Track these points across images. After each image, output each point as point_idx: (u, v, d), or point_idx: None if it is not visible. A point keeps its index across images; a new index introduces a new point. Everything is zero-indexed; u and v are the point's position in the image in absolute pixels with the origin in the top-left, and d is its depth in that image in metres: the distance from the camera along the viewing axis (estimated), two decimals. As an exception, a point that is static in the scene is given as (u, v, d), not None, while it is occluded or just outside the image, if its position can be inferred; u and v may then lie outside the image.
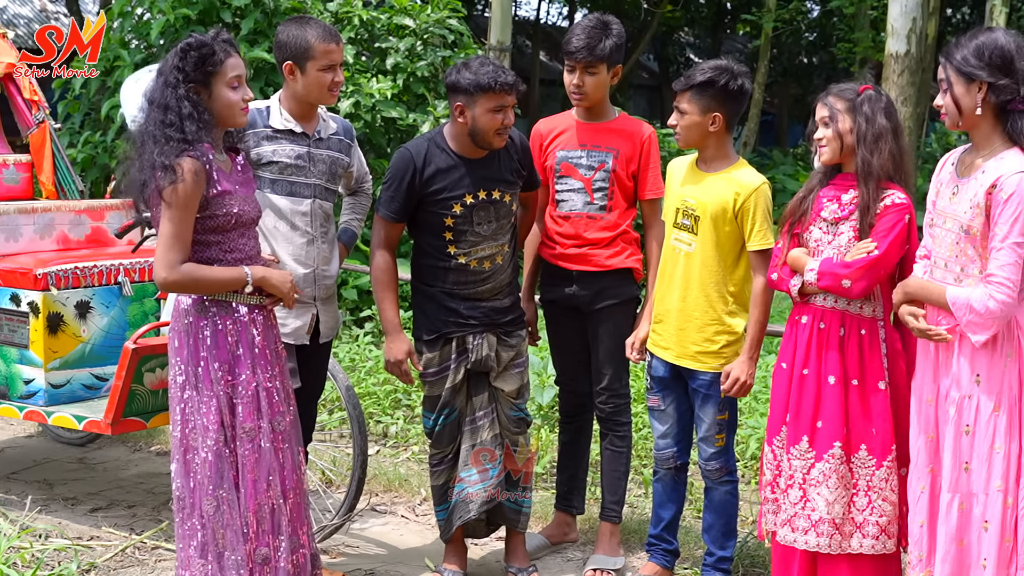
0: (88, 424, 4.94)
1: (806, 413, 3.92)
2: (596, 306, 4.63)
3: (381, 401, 7.05)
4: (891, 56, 11.82)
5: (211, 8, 9.63)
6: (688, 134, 4.23)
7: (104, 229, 5.77)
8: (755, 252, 4.21)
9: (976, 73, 3.46)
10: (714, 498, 4.45)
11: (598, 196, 4.59)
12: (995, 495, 3.49)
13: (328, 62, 4.22)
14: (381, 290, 4.39)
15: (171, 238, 3.55)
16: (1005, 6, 13.51)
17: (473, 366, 4.39)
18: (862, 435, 3.87)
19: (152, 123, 3.58)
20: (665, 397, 4.45)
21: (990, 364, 3.50)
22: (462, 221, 4.29)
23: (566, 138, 4.67)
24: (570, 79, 4.58)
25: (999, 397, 3.50)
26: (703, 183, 4.27)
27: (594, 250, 4.60)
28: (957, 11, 30.75)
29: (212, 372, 3.65)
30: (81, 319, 5.19)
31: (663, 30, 29.31)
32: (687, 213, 4.27)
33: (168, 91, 3.59)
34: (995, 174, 3.44)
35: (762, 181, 4.23)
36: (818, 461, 3.89)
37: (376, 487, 5.74)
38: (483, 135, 4.24)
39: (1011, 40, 3.50)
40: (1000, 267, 3.40)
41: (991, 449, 3.50)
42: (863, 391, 3.87)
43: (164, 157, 3.51)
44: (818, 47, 29.68)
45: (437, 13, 10.56)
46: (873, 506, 3.87)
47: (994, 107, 3.49)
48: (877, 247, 3.77)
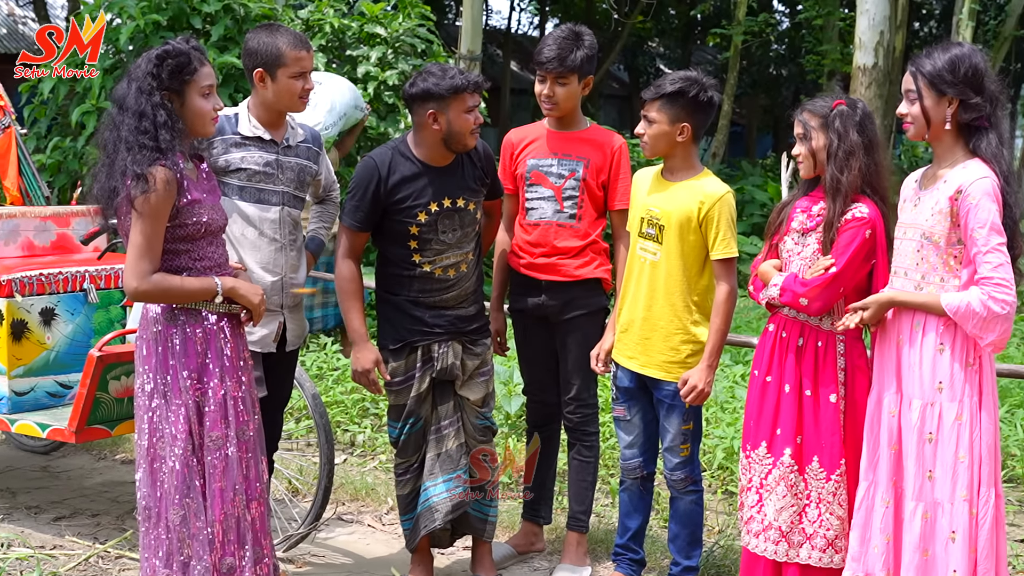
0: (52, 432, 4.90)
1: (767, 419, 3.96)
2: (565, 316, 4.64)
3: (348, 410, 7.03)
4: (859, 68, 11.93)
5: (181, 14, 9.60)
6: (656, 143, 4.25)
7: (70, 235, 5.73)
8: (718, 261, 4.23)
9: (948, 89, 3.50)
10: (679, 508, 4.46)
11: (568, 204, 4.60)
12: (960, 504, 3.52)
13: (299, 69, 4.21)
14: (347, 299, 4.38)
15: (142, 247, 3.53)
16: (971, 20, 13.63)
17: (438, 374, 4.39)
18: (815, 446, 3.90)
19: (126, 129, 3.55)
20: (631, 407, 4.46)
21: (952, 371, 3.53)
22: (427, 229, 4.29)
23: (537, 146, 4.68)
24: (541, 89, 4.59)
25: (961, 405, 3.53)
26: (668, 192, 4.29)
27: (563, 260, 4.61)
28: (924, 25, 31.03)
29: (181, 381, 3.64)
30: (46, 326, 5.16)
31: (633, 40, 29.41)
32: (652, 222, 4.29)
33: (143, 98, 3.56)
34: (958, 181, 3.48)
35: (726, 191, 4.25)
36: (774, 468, 3.93)
37: (343, 496, 5.73)
38: (459, 137, 4.25)
39: (982, 59, 3.55)
40: (994, 269, 3.42)
41: (955, 458, 3.53)
42: (815, 402, 3.90)
43: (137, 166, 3.49)
44: (787, 59, 29.86)
45: (408, 22, 10.56)
46: (822, 519, 3.89)
47: (959, 122, 3.53)
48: (835, 264, 3.79)
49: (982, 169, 3.48)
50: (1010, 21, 18.42)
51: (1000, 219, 3.44)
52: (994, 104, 3.52)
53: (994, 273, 3.42)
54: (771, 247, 4.08)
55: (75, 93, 9.79)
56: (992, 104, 3.51)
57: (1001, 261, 3.42)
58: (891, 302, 3.67)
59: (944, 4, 29.54)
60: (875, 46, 11.81)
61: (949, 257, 3.54)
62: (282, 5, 10.55)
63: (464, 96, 4.21)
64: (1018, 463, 5.93)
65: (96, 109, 9.34)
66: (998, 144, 3.50)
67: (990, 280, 3.42)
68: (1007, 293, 3.41)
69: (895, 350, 3.67)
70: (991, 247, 3.42)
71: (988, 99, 3.50)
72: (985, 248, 3.43)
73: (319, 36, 10.19)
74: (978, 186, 3.45)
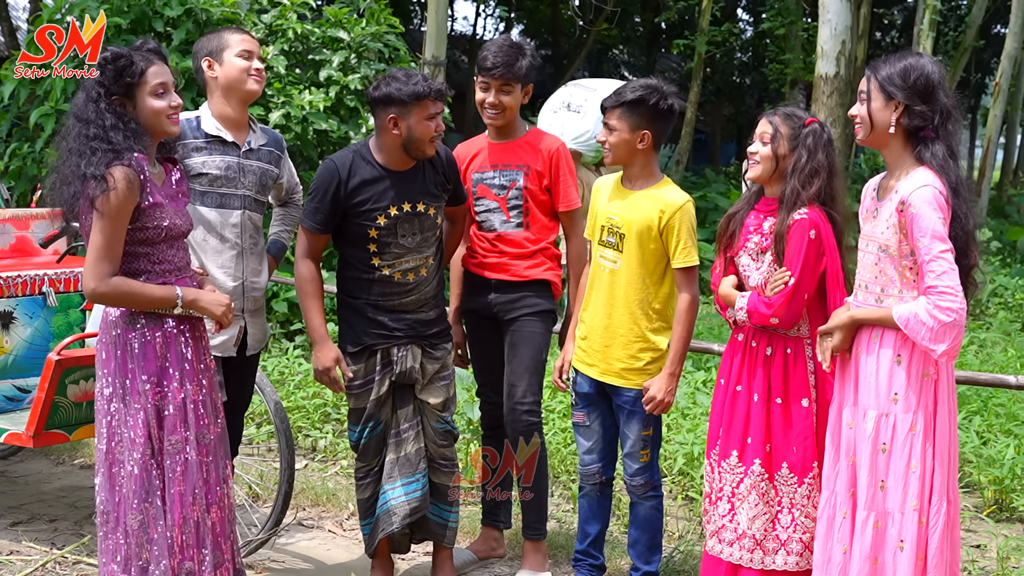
0: (9, 436, 4.86)
1: (737, 429, 3.99)
2: (512, 315, 4.65)
3: (310, 415, 7.01)
4: (821, 77, 12.04)
5: (143, 17, 9.56)
6: (617, 151, 4.27)
7: (29, 238, 5.69)
8: (679, 269, 4.26)
9: (896, 93, 3.53)
10: (639, 513, 4.48)
11: (514, 214, 4.64)
12: (910, 514, 3.55)
13: (243, 48, 4.26)
14: (307, 299, 4.38)
15: (101, 249, 3.52)
16: (932, 31, 13.78)
17: (398, 378, 4.39)
18: (784, 453, 3.93)
19: (73, 138, 3.56)
20: (590, 413, 4.47)
21: (908, 383, 3.56)
22: (386, 233, 4.30)
23: (480, 160, 4.73)
24: (484, 97, 4.62)
25: (915, 416, 3.55)
26: (628, 201, 4.31)
27: (513, 260, 4.65)
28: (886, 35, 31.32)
29: (140, 384, 3.62)
30: (3, 329, 5.12)
31: (598, 48, 29.48)
32: (612, 231, 4.31)
33: (90, 105, 3.58)
34: (903, 192, 3.51)
35: (686, 199, 4.28)
36: (745, 476, 3.96)
37: (304, 501, 5.71)
38: (418, 144, 4.25)
39: (938, 71, 3.57)
40: (937, 277, 3.42)
41: (907, 468, 3.55)
42: (786, 408, 3.93)
43: (93, 167, 3.48)
44: (751, 67, 30.03)
45: (373, 27, 10.56)
46: (796, 523, 3.93)
47: (906, 130, 3.56)
48: (792, 275, 3.83)
49: (925, 177, 3.49)
50: (970, 32, 18.63)
51: (945, 228, 3.44)
52: (945, 116, 3.53)
53: (938, 282, 3.41)
54: (726, 260, 4.11)
55: (35, 96, 9.73)
56: (942, 116, 3.52)
57: (944, 269, 3.41)
58: (853, 321, 3.69)
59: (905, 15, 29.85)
60: (837, 55, 11.93)
61: (904, 269, 3.55)
62: (245, 10, 10.53)
63: (426, 103, 4.21)
64: (974, 470, 6.00)
65: (55, 111, 9.28)
66: (945, 155, 3.51)
67: (934, 289, 3.42)
68: (952, 300, 3.40)
69: (854, 362, 3.70)
70: (933, 255, 3.42)
71: (936, 110, 3.52)
72: (928, 257, 3.43)
73: (282, 41, 10.17)
74: (919, 195, 3.46)
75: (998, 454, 6.09)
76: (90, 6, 9.44)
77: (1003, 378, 5.01)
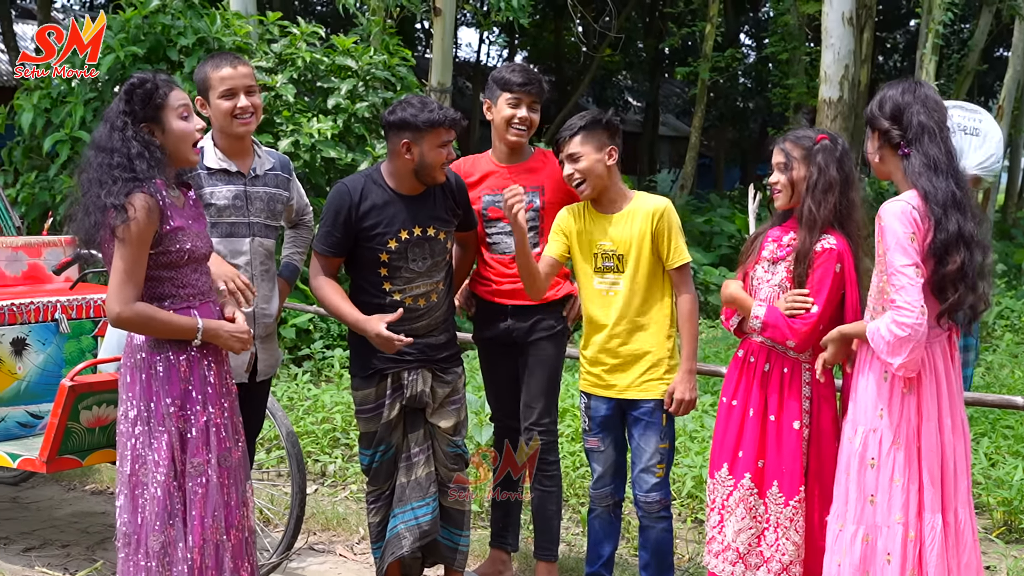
0: (23, 462, 4.89)
1: (730, 441, 4.04)
2: (530, 339, 4.69)
3: (320, 440, 7.04)
4: (824, 102, 12.09)
5: (158, 46, 9.67)
6: (591, 175, 4.33)
7: (41, 265, 5.74)
8: (675, 270, 4.31)
9: (876, 123, 3.66)
10: (650, 536, 4.48)
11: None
12: (896, 527, 3.59)
13: (225, 87, 4.26)
14: (330, 298, 4.34)
15: (124, 274, 3.54)
16: (935, 54, 13.84)
17: (408, 402, 4.41)
18: (775, 471, 3.96)
19: (96, 168, 3.57)
20: (604, 438, 4.48)
21: (890, 398, 3.62)
22: (397, 257, 4.33)
23: (490, 183, 4.75)
24: (514, 112, 4.66)
25: (897, 430, 3.61)
26: (616, 223, 4.36)
27: None
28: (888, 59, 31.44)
29: (164, 408, 3.65)
30: (17, 356, 5.15)
31: (602, 74, 29.65)
32: (608, 256, 4.35)
33: (115, 134, 3.59)
34: (881, 208, 3.58)
35: (666, 202, 4.38)
36: (734, 489, 4.00)
37: (314, 526, 5.73)
38: (429, 170, 4.29)
39: (906, 90, 3.65)
40: (896, 291, 3.48)
41: (891, 481, 3.61)
42: (778, 428, 3.97)
43: (114, 198, 3.50)
44: (754, 92, 30.16)
45: (380, 55, 10.65)
46: (779, 543, 3.95)
47: (894, 154, 3.63)
48: (816, 304, 3.86)
49: (906, 195, 3.56)
50: (973, 55, 18.71)
51: (911, 242, 3.48)
52: (919, 131, 3.58)
53: (896, 296, 3.48)
54: (744, 276, 4.14)
55: (51, 125, 9.82)
56: (917, 131, 3.58)
57: (902, 284, 3.47)
58: (841, 336, 3.78)
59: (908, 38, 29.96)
60: (840, 80, 11.99)
61: (888, 284, 3.58)
62: (256, 39, 10.63)
63: (440, 131, 4.26)
64: (983, 491, 6.00)
65: (70, 138, 9.37)
66: (922, 167, 3.56)
67: (893, 303, 3.49)
68: (907, 315, 3.45)
69: (854, 378, 3.76)
70: (894, 269, 3.49)
71: (907, 127, 3.59)
72: (891, 271, 3.51)
73: (292, 69, 10.26)
74: (888, 208, 3.53)
75: (1007, 475, 6.10)
76: (107, 37, 9.54)
77: (1011, 399, 5.04)
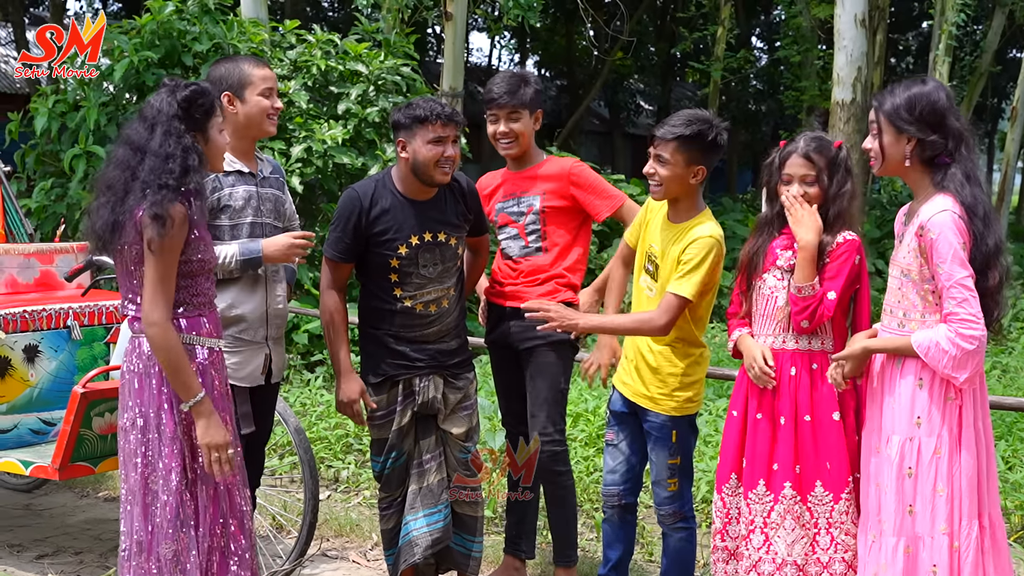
0: (35, 469, 4.88)
1: (761, 456, 3.96)
2: (526, 345, 4.67)
3: (332, 446, 7.02)
4: (837, 104, 12.05)
5: (173, 52, 9.68)
6: (670, 185, 4.16)
7: (53, 273, 5.74)
8: (672, 293, 4.13)
9: (906, 127, 3.54)
10: (669, 544, 4.42)
11: (532, 239, 4.69)
12: (940, 538, 3.53)
13: (266, 86, 4.28)
14: (332, 332, 4.39)
15: (161, 283, 3.53)
16: (948, 56, 13.80)
17: (420, 408, 4.39)
18: (816, 471, 3.90)
19: (147, 171, 3.53)
20: (619, 432, 4.44)
21: (930, 406, 3.54)
22: (407, 263, 4.32)
23: (501, 191, 4.79)
24: (494, 128, 4.68)
25: (939, 439, 3.54)
26: (669, 232, 4.26)
27: (528, 288, 4.68)
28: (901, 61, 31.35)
29: (177, 414, 3.63)
30: (29, 363, 5.15)
31: (613, 77, 29.60)
32: (651, 259, 4.32)
33: (171, 140, 3.55)
34: (922, 217, 3.52)
35: (711, 233, 4.15)
36: (776, 504, 3.93)
37: (327, 532, 5.71)
38: (424, 168, 4.25)
39: (944, 96, 3.57)
40: (958, 304, 3.42)
41: (934, 491, 3.54)
42: (815, 426, 3.90)
43: (156, 206, 3.48)
44: (766, 95, 30.08)
45: (391, 60, 10.64)
46: (836, 543, 3.88)
47: (922, 159, 3.57)
48: (832, 290, 3.83)
49: (944, 202, 3.49)
50: (986, 57, 18.64)
51: (965, 252, 3.44)
52: (958, 140, 3.54)
53: (959, 309, 3.42)
54: (742, 292, 4.11)
55: (66, 129, 9.83)
56: (955, 140, 3.54)
57: (965, 296, 3.41)
58: (866, 351, 3.72)
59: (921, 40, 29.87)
60: (853, 82, 11.96)
61: (927, 293, 3.54)
62: (270, 46, 10.64)
63: (428, 126, 4.22)
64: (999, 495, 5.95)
65: (85, 153, 9.38)
66: (963, 178, 3.51)
67: (955, 316, 3.42)
68: (973, 328, 3.40)
69: (879, 387, 3.70)
70: (954, 282, 3.42)
71: (948, 135, 3.53)
72: (948, 283, 3.43)
73: (306, 76, 10.27)
74: (937, 220, 3.46)
75: (1023, 479, 6.05)
76: (122, 41, 9.56)
77: (1029, 402, 5.00)
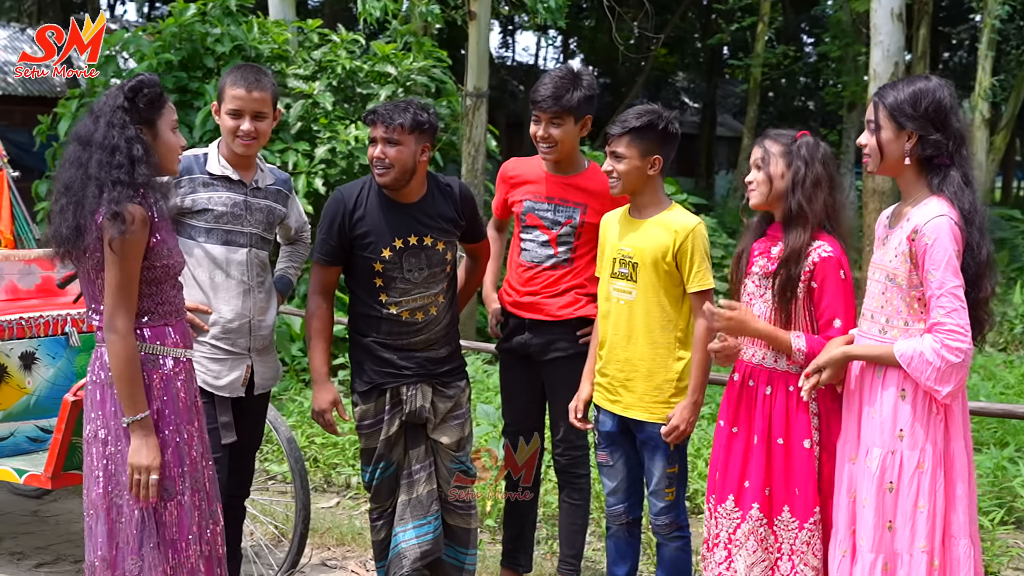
0: (29, 478, 4.84)
1: (734, 471, 3.83)
2: (547, 356, 4.57)
3: (345, 451, 6.94)
4: (873, 100, 11.82)
5: (195, 54, 9.67)
6: (628, 179, 4.17)
7: (54, 279, 5.69)
8: (695, 294, 4.13)
9: (907, 123, 3.37)
10: (665, 555, 4.33)
11: (562, 250, 4.54)
12: (919, 556, 3.37)
13: (233, 107, 4.19)
14: (312, 337, 4.33)
15: (122, 289, 3.40)
16: (991, 50, 13.52)
17: (408, 417, 4.29)
18: (785, 496, 3.75)
19: (95, 166, 3.39)
20: (613, 452, 4.34)
21: (913, 418, 3.38)
22: (391, 267, 4.22)
23: (534, 189, 4.60)
24: (535, 129, 4.51)
25: (923, 454, 3.37)
26: (640, 230, 4.20)
27: (546, 299, 4.55)
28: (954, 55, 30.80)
29: None
30: (26, 370, 5.11)
31: (657, 75, 29.40)
32: (624, 262, 4.20)
33: (115, 131, 3.42)
34: (916, 221, 3.35)
35: (697, 222, 4.18)
36: (743, 522, 3.79)
37: (329, 540, 5.64)
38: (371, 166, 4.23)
39: (948, 95, 3.40)
40: (947, 314, 3.25)
41: (915, 508, 3.37)
42: (788, 450, 3.75)
43: (113, 204, 3.35)
44: (813, 91, 29.75)
45: (420, 61, 10.57)
46: (795, 571, 3.74)
47: (919, 158, 3.40)
48: (838, 318, 3.69)
49: (940, 207, 3.32)
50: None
51: (958, 260, 3.28)
52: (958, 141, 3.37)
53: (947, 319, 3.25)
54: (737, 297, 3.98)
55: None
56: (956, 141, 3.37)
57: (955, 306, 3.24)
58: (846, 358, 3.54)
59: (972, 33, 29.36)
60: (890, 77, 11.70)
61: (912, 300, 3.38)
62: (295, 47, 10.60)
63: (372, 127, 4.21)
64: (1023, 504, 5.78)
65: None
66: (960, 183, 3.34)
67: (943, 326, 3.25)
68: (961, 340, 3.23)
69: (858, 396, 3.54)
70: (945, 290, 3.25)
71: (950, 136, 3.36)
72: (939, 291, 3.26)
73: (331, 76, 10.22)
74: (933, 225, 3.29)
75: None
76: (143, 44, 9.57)
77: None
